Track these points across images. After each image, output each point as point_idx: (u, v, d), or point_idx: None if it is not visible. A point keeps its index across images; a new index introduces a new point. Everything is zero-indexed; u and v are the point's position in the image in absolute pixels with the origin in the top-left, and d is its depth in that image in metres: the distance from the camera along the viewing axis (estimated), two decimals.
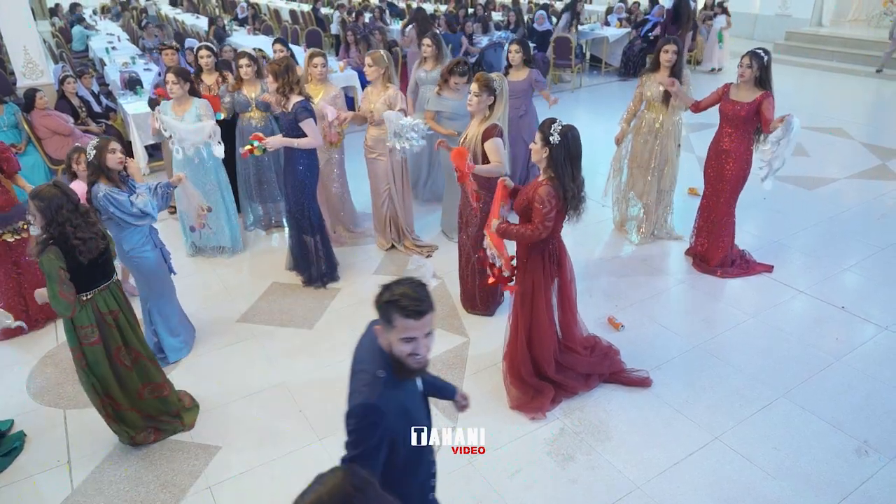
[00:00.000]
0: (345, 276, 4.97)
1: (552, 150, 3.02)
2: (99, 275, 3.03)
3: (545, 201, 3.04)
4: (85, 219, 2.89)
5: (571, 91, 10.69)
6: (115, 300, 3.12)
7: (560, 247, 3.33)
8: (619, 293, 4.64)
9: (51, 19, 16.37)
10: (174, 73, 4.68)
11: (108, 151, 3.40)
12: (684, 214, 5.54)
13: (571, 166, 3.04)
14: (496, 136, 3.90)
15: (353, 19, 11.51)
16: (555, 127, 3.03)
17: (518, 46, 5.47)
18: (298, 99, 4.34)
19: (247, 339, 4.25)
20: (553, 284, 3.34)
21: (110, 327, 3.09)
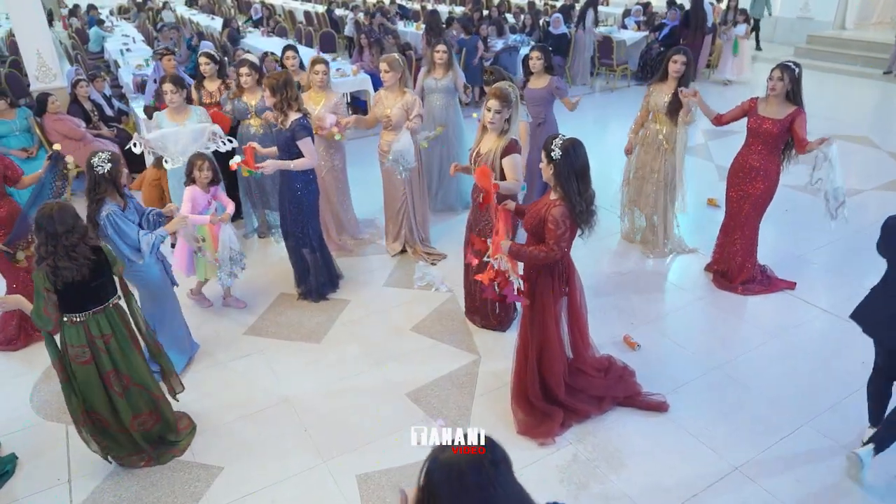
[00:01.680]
0: (354, 288, 4.87)
1: (556, 166, 2.92)
2: (90, 298, 2.96)
3: (559, 222, 2.92)
4: (63, 248, 2.79)
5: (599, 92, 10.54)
6: (109, 325, 3.04)
7: (569, 264, 3.21)
8: (635, 310, 4.50)
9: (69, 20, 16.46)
10: (171, 81, 4.61)
11: (122, 165, 3.35)
12: (704, 227, 5.40)
13: (578, 181, 2.93)
14: (517, 151, 3.78)
15: (367, 22, 11.44)
16: (556, 142, 2.92)
17: (539, 53, 5.34)
18: (297, 116, 4.24)
19: (252, 353, 4.17)
20: (562, 302, 3.22)
21: (101, 351, 3.02)
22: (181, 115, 4.71)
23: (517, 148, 3.80)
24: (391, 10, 12.88)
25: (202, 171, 4.17)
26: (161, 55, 6.30)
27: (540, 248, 3.00)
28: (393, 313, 4.55)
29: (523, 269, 3.27)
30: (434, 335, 4.28)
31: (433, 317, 4.48)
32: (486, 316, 4.27)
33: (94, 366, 3.02)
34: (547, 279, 3.15)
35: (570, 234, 3.00)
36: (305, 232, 4.53)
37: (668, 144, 4.85)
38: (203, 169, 4.17)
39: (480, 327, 4.34)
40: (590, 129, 8.69)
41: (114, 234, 3.34)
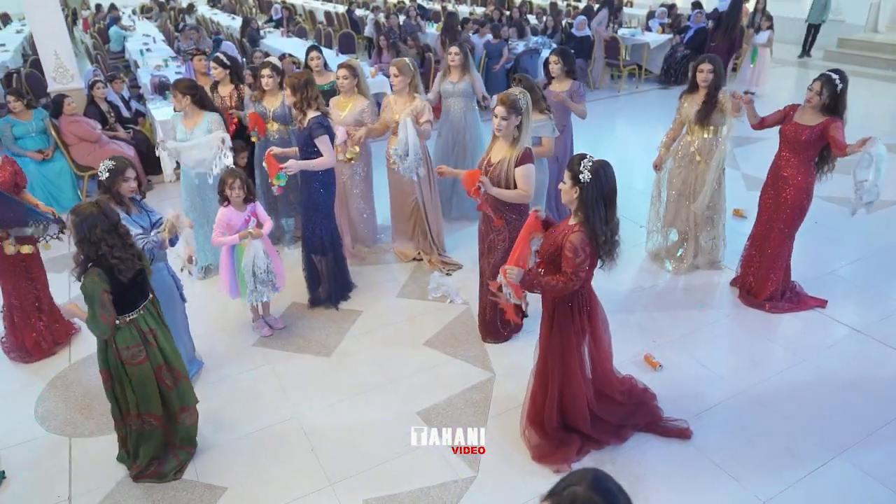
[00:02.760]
0: (366, 299, 4.75)
1: (583, 190, 2.73)
2: (139, 294, 2.94)
3: (578, 250, 2.74)
4: (122, 239, 2.78)
5: (618, 94, 10.33)
6: (154, 318, 3.03)
7: (590, 296, 3.02)
8: (657, 327, 4.33)
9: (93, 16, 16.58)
10: (174, 87, 4.56)
11: (123, 179, 3.25)
12: (731, 238, 5.17)
13: (605, 207, 2.74)
14: (531, 161, 3.62)
15: (387, 23, 11.33)
16: (585, 164, 2.72)
17: (558, 57, 5.17)
18: (315, 114, 4.16)
19: (261, 365, 4.06)
20: (585, 338, 3.05)
21: (152, 346, 2.99)
22: (191, 119, 4.62)
23: (532, 157, 3.65)
24: (411, 10, 12.74)
25: (233, 189, 3.90)
26: (191, 55, 6.25)
27: (557, 277, 2.83)
28: (405, 326, 4.42)
29: (541, 299, 3.11)
30: (448, 350, 4.14)
31: (447, 331, 4.35)
32: (494, 331, 4.15)
33: (149, 363, 2.99)
34: (566, 314, 2.97)
35: (591, 263, 2.82)
36: (318, 234, 4.43)
37: (700, 157, 4.66)
38: (234, 187, 3.89)
39: (487, 342, 4.20)
40: (607, 133, 8.50)
41: None
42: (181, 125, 4.65)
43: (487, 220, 3.88)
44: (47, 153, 6.31)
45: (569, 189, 2.78)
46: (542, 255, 2.97)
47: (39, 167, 6.29)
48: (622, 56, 10.58)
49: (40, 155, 6.26)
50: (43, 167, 6.31)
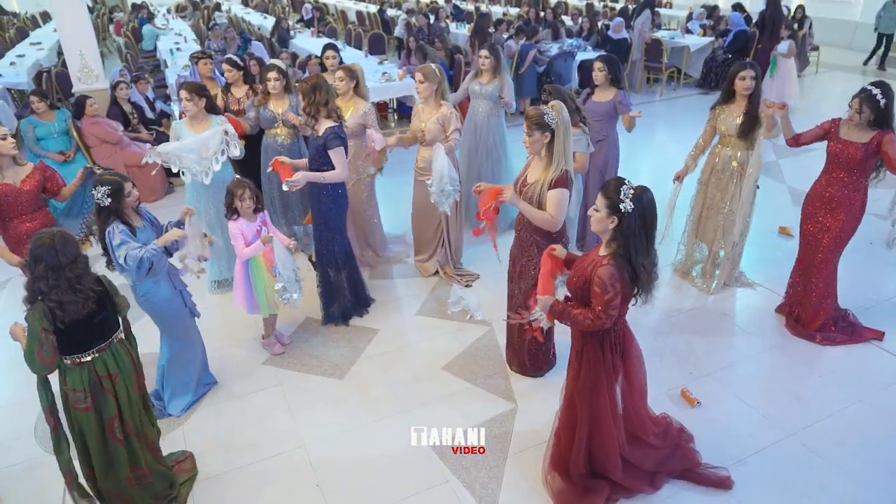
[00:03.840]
0: (384, 315, 4.52)
1: (622, 220, 2.43)
2: (94, 336, 2.68)
3: (607, 285, 2.45)
4: (69, 281, 2.52)
5: (656, 99, 9.93)
6: (115, 362, 2.75)
7: (625, 333, 2.73)
8: (695, 357, 4.00)
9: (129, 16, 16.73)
10: (187, 89, 4.32)
11: (125, 195, 3.07)
12: (774, 259, 4.83)
13: (646, 238, 2.45)
14: (566, 186, 3.27)
15: (417, 23, 11.10)
16: (625, 191, 2.42)
17: (603, 64, 4.83)
18: (331, 124, 3.94)
19: (270, 385, 3.86)
20: (617, 378, 2.76)
21: (107, 393, 2.72)
22: (200, 124, 4.39)
23: (568, 183, 3.31)
24: (444, 11, 12.49)
25: (244, 200, 3.68)
26: (197, 58, 6.08)
27: (586, 313, 2.54)
28: (424, 348, 4.17)
29: (571, 336, 2.82)
30: (467, 377, 3.88)
31: (468, 354, 4.09)
32: (522, 362, 3.85)
33: (96, 412, 2.73)
34: (597, 351, 2.68)
35: (623, 299, 2.53)
36: (331, 249, 4.23)
37: (743, 170, 4.31)
38: (245, 198, 3.68)
39: (515, 371, 3.92)
40: (644, 140, 8.12)
41: (113, 255, 3.09)
42: (187, 130, 4.39)
43: (520, 242, 3.59)
44: (69, 155, 6.23)
45: (603, 218, 2.48)
46: (570, 289, 2.68)
47: (60, 168, 6.16)
48: (664, 59, 10.17)
49: (61, 156, 6.18)
50: (64, 169, 6.20)
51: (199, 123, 4.40)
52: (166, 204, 6.59)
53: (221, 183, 4.53)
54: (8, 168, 3.75)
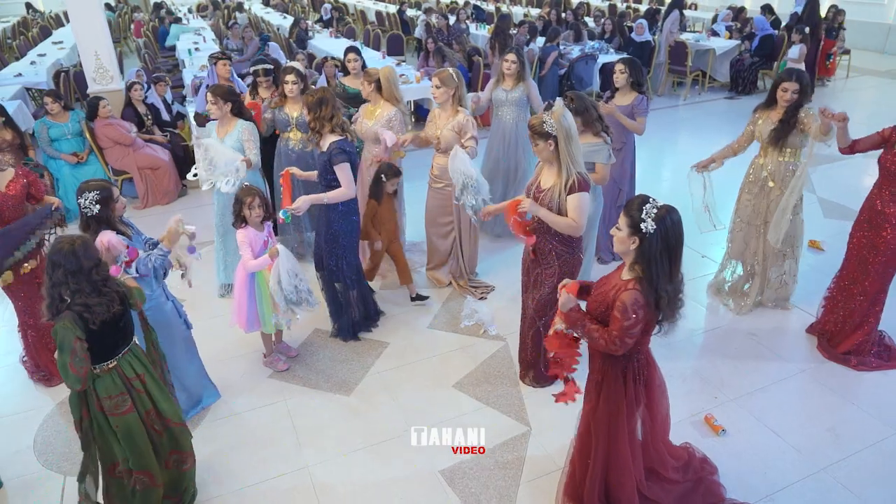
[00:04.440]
0: (394, 328, 4.37)
1: (643, 241, 2.26)
2: (120, 339, 2.62)
3: (628, 311, 2.27)
4: (93, 284, 2.44)
5: (680, 103, 9.68)
6: (140, 362, 2.71)
7: (648, 362, 2.54)
8: (720, 380, 3.79)
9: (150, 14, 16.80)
10: (212, 92, 4.23)
11: (114, 201, 2.97)
12: (804, 274, 4.58)
13: (669, 262, 2.27)
14: (584, 189, 3.15)
15: (436, 24, 10.94)
16: (648, 209, 2.24)
17: (624, 66, 4.65)
18: (335, 139, 3.80)
19: (276, 401, 3.73)
20: (638, 409, 2.58)
21: (139, 392, 2.68)
22: (224, 127, 4.34)
23: (586, 185, 3.18)
24: (464, 12, 12.31)
25: (253, 208, 3.54)
26: (216, 59, 5.99)
27: (601, 331, 2.37)
28: (435, 364, 4.01)
29: (589, 359, 2.65)
30: (480, 396, 3.72)
31: (480, 372, 3.92)
32: (537, 373, 3.73)
33: (136, 414, 2.68)
34: (618, 381, 2.50)
35: (644, 327, 2.35)
36: (339, 266, 4.08)
37: (773, 183, 4.09)
38: (253, 206, 3.54)
39: (526, 383, 3.78)
40: (668, 146, 7.89)
41: None
42: (214, 133, 4.38)
43: (534, 251, 3.45)
44: (82, 156, 6.18)
45: (625, 238, 2.31)
46: (591, 311, 2.50)
47: (73, 170, 6.16)
48: (688, 62, 9.90)
49: (74, 158, 6.13)
50: (77, 170, 6.17)
51: (222, 126, 4.34)
52: (178, 207, 6.51)
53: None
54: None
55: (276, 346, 4.04)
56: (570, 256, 3.37)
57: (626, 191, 4.96)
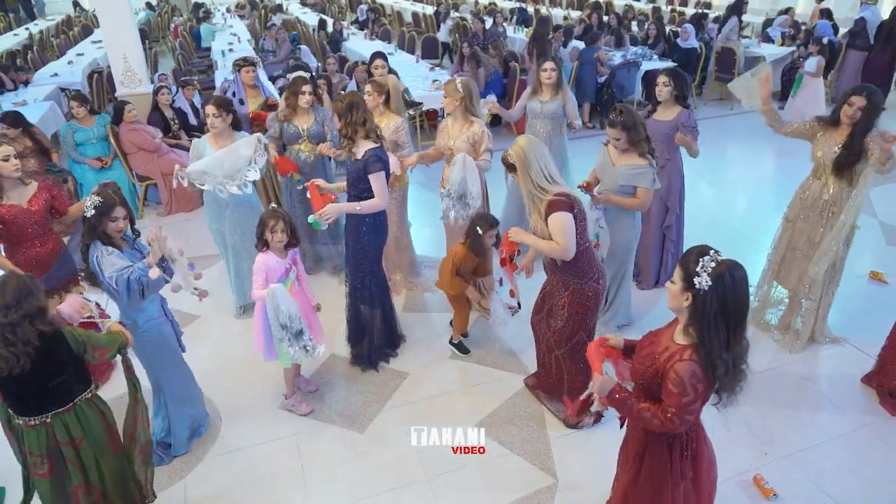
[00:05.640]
0: (414, 356, 4.11)
1: (697, 299, 1.94)
2: (48, 399, 2.36)
3: (686, 386, 1.96)
4: (4, 326, 2.19)
5: (727, 113, 9.20)
6: (80, 426, 2.43)
7: (697, 434, 2.23)
8: (770, 432, 3.42)
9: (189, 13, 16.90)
10: (214, 104, 4.01)
11: (110, 219, 2.77)
12: (868, 310, 4.16)
13: (728, 327, 1.94)
14: (562, 209, 2.94)
15: (472, 27, 10.65)
16: (705, 262, 1.92)
17: (668, 79, 4.30)
18: (371, 146, 3.56)
19: (284, 436, 3.50)
20: (683, 483, 2.25)
21: (67, 462, 2.42)
22: (225, 141, 4.07)
23: (561, 204, 2.95)
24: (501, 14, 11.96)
25: (276, 232, 3.24)
26: (239, 66, 5.81)
27: (655, 411, 2.05)
28: (456, 400, 3.74)
29: (627, 429, 2.35)
30: (503, 440, 3.42)
31: (505, 410, 3.63)
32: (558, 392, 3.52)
33: (57, 478, 2.43)
34: (662, 455, 2.20)
35: (703, 401, 2.04)
36: (365, 284, 3.84)
37: (837, 209, 3.70)
38: (277, 230, 3.24)
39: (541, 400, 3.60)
40: (714, 159, 7.45)
41: (101, 279, 2.77)
42: (210, 148, 4.08)
43: (552, 282, 3.31)
44: (106, 162, 6.08)
45: (678, 293, 1.99)
46: (635, 378, 2.19)
47: (97, 175, 6.05)
48: (737, 69, 9.39)
49: (99, 163, 6.03)
50: (101, 176, 6.06)
51: (223, 141, 4.08)
52: (202, 215, 6.33)
53: (245, 204, 4.24)
54: (12, 189, 3.50)
55: (296, 380, 3.74)
56: (579, 286, 3.14)
57: (677, 211, 4.62)
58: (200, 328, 4.48)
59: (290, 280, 3.30)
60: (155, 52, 11.46)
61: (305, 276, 3.55)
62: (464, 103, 4.11)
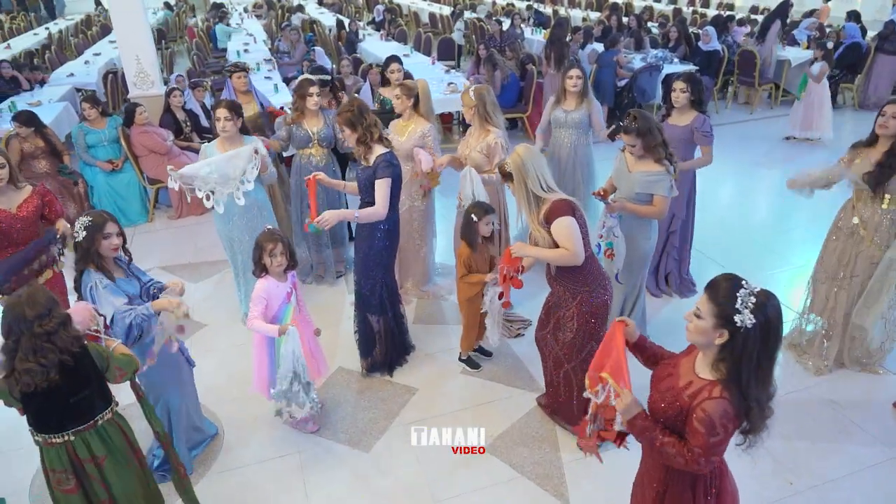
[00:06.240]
0: (425, 370, 3.99)
1: (736, 336, 1.78)
2: (69, 416, 2.29)
3: (716, 426, 1.81)
4: (34, 337, 2.13)
5: (747, 118, 8.97)
6: (102, 444, 2.37)
7: (721, 471, 2.07)
8: (796, 462, 3.24)
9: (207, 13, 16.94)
10: (226, 107, 3.92)
11: (103, 236, 2.66)
12: None
13: (768, 363, 1.79)
14: (564, 213, 2.85)
15: (490, 30, 10.50)
16: (744, 297, 1.76)
17: (686, 85, 4.15)
18: (383, 151, 3.46)
19: (288, 453, 3.39)
20: None
21: (91, 479, 2.36)
22: (233, 146, 3.97)
23: (563, 209, 2.86)
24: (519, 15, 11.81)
25: (275, 256, 3.07)
26: (230, 72, 5.71)
27: (679, 447, 1.90)
28: (466, 418, 3.60)
29: (642, 453, 2.21)
30: (515, 462, 3.28)
31: (517, 431, 3.49)
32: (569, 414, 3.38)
33: (83, 497, 2.38)
34: (684, 493, 2.04)
35: (729, 439, 1.89)
36: (375, 291, 3.73)
37: (865, 231, 3.51)
38: (275, 254, 3.07)
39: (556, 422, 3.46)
40: (731, 166, 7.24)
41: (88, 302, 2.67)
42: (217, 153, 3.99)
43: (558, 293, 3.17)
44: (117, 164, 6.03)
45: (708, 330, 1.83)
46: (652, 409, 2.04)
47: (108, 178, 6.03)
48: (757, 73, 9.15)
49: (110, 165, 5.99)
50: (111, 178, 6.04)
51: (232, 145, 3.99)
52: (213, 219, 6.28)
53: (255, 208, 4.15)
54: (3, 194, 3.42)
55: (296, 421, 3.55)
56: (588, 296, 3.01)
57: (683, 217, 4.46)
58: (206, 337, 4.40)
59: (292, 306, 3.14)
60: (171, 53, 11.47)
61: (304, 300, 3.42)
62: (478, 112, 3.98)
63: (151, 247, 5.77)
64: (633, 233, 3.72)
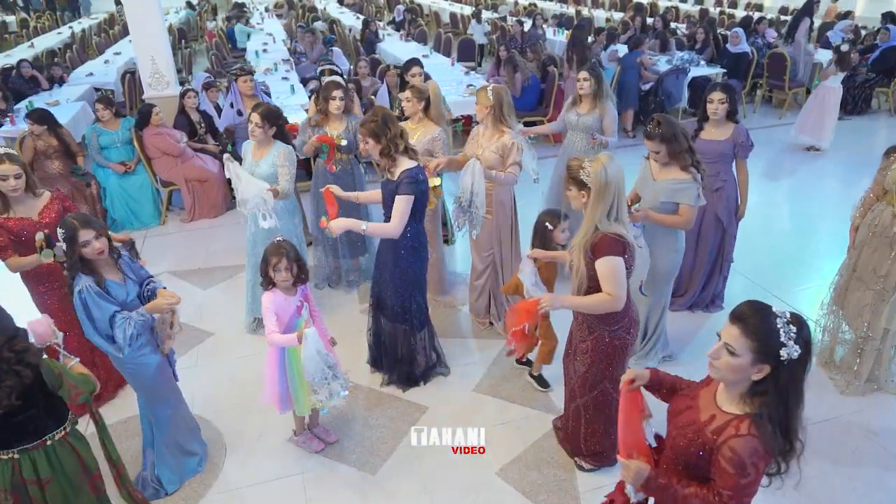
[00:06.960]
0: (436, 387, 3.83)
1: (781, 370, 1.62)
2: (14, 433, 2.19)
3: (748, 466, 1.64)
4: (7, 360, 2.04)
5: (776, 123, 8.68)
6: (49, 465, 2.25)
7: None
8: (832, 496, 3.03)
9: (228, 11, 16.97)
10: (260, 114, 3.83)
11: (80, 245, 2.52)
12: None
13: (796, 397, 1.65)
14: (615, 253, 2.57)
15: (511, 30, 10.31)
16: (786, 329, 1.60)
17: (724, 96, 3.93)
18: (410, 165, 3.30)
19: (291, 473, 3.25)
20: None
21: (33, 501, 2.25)
22: (261, 150, 3.97)
23: (612, 247, 2.58)
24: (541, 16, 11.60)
25: (279, 271, 2.93)
26: (236, 76, 5.57)
27: (705, 495, 1.73)
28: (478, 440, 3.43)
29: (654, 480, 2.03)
30: (527, 489, 3.11)
31: (531, 455, 3.31)
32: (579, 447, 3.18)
33: None
34: None
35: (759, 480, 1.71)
36: (407, 307, 3.59)
37: None
38: (280, 269, 2.92)
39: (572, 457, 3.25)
40: (757, 175, 6.96)
41: (83, 317, 2.55)
42: (249, 154, 4.02)
43: (578, 319, 2.95)
44: (130, 166, 5.96)
45: (745, 366, 1.66)
46: (671, 446, 1.86)
47: (121, 180, 5.96)
48: (787, 75, 8.85)
49: (122, 167, 5.91)
50: (124, 180, 5.97)
51: (260, 149, 3.96)
52: (226, 222, 6.21)
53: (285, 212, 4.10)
54: (22, 202, 3.33)
55: (311, 428, 3.44)
56: (603, 334, 2.80)
57: (732, 232, 4.28)
58: (212, 346, 4.28)
59: (303, 318, 2.99)
60: (190, 52, 11.45)
61: (318, 311, 3.27)
62: (493, 112, 3.82)
63: (163, 250, 5.69)
64: (657, 245, 3.52)
